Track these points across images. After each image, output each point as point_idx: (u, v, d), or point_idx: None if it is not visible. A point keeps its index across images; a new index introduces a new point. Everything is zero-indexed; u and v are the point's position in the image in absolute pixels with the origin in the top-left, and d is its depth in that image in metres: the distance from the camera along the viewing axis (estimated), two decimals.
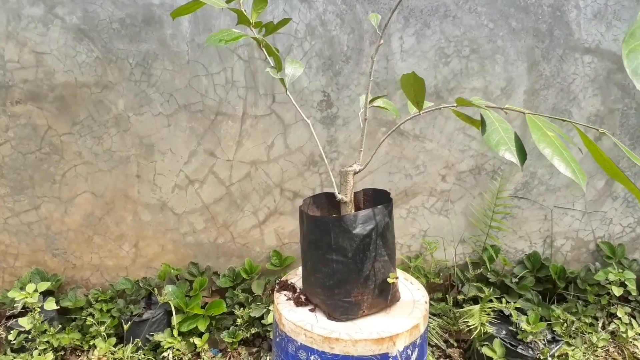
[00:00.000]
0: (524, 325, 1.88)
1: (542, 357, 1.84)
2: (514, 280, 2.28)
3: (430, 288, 2.41)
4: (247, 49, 2.07)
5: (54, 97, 2.11)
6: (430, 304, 2.28)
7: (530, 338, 1.87)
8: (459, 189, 2.29)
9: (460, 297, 2.19)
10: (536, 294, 2.21)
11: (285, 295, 1.35)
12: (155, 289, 2.35)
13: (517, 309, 2.07)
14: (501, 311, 2.08)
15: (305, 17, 2.04)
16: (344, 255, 1.17)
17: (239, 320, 2.13)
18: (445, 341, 2.14)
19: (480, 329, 1.87)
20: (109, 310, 2.26)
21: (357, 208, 1.43)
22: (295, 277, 1.46)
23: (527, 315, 2.07)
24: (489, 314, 1.97)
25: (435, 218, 2.34)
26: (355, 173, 1.23)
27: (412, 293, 1.38)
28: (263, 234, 2.36)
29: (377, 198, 1.38)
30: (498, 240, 2.27)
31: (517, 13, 2.04)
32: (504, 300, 2.14)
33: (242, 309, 2.23)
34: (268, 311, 2.12)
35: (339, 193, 1.25)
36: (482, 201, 2.31)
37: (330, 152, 2.22)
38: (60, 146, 2.19)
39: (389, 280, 1.23)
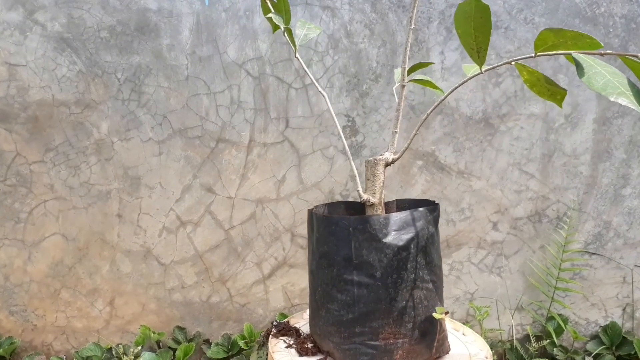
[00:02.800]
0: None
1: None
2: (588, 359, 1.88)
3: None
4: (257, 64, 1.85)
5: (25, 118, 1.89)
6: None
7: None
8: (515, 240, 1.95)
9: None
10: None
11: (285, 341, 1.05)
12: (133, 358, 1.99)
13: None
14: None
15: (327, 28, 1.84)
16: (369, 276, 0.93)
17: None
18: None
19: None
20: None
21: None
22: (302, 321, 1.19)
23: None
24: None
25: (484, 277, 1.99)
26: (387, 164, 0.99)
27: (466, 346, 1.07)
28: (268, 291, 2.02)
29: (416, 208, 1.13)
30: (566, 305, 1.89)
31: (583, 25, 1.81)
32: None
33: None
34: None
35: (364, 192, 0.99)
36: (545, 256, 1.96)
37: (354, 190, 1.93)
38: (29, 177, 1.93)
39: (436, 315, 0.95)
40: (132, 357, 1.92)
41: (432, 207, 0.99)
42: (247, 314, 2.05)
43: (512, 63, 0.82)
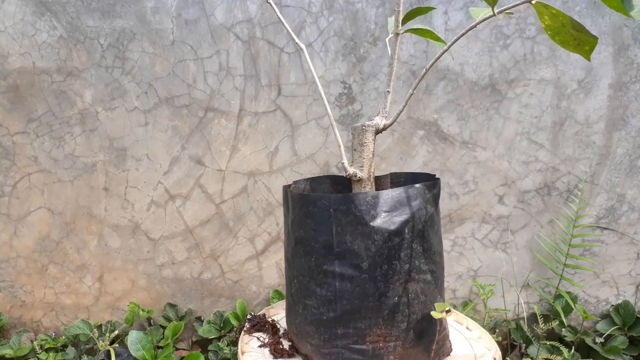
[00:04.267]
0: None
1: None
2: (599, 340, 1.82)
3: None
4: (246, 26, 1.78)
5: (6, 87, 1.84)
6: None
7: None
8: (522, 214, 1.88)
9: None
10: None
11: (259, 339, 0.97)
12: (114, 338, 1.98)
13: None
14: None
15: None
16: (354, 266, 0.79)
17: None
18: None
19: None
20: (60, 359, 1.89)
21: None
22: (282, 312, 1.09)
23: None
24: None
25: (489, 253, 1.93)
26: (378, 131, 0.87)
27: (470, 344, 0.97)
28: (261, 267, 1.98)
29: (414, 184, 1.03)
30: (576, 283, 1.83)
31: None
32: None
33: None
34: None
35: (350, 165, 0.88)
36: (554, 231, 1.89)
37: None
38: (11, 149, 1.89)
39: (435, 314, 0.80)
40: (109, 338, 1.90)
41: (431, 183, 0.87)
42: (240, 291, 2.01)
43: (533, 2, 0.71)
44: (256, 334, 0.99)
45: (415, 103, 1.81)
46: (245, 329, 1.02)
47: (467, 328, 1.08)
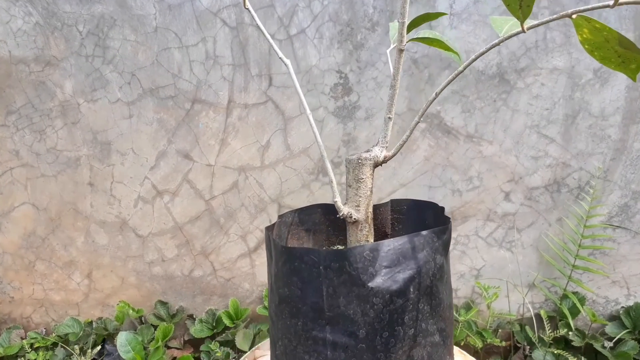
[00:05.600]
0: None
1: None
2: (608, 344, 1.75)
3: (486, 352, 1.90)
4: (234, 11, 1.66)
5: None
6: None
7: None
8: (529, 212, 1.79)
9: None
10: None
11: None
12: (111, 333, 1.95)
13: None
14: None
15: None
16: (349, 334, 0.68)
17: None
18: None
19: None
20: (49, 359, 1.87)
21: (382, 234, 0.96)
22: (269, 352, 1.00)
23: None
24: None
25: (493, 252, 1.85)
26: (377, 165, 0.76)
27: None
28: (254, 265, 1.92)
29: (419, 217, 0.91)
30: (585, 286, 1.75)
31: None
32: None
33: None
34: None
35: (344, 204, 0.77)
36: (562, 230, 1.80)
37: (347, 156, 1.77)
38: None
39: None
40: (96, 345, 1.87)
41: (441, 228, 0.74)
42: (232, 289, 1.96)
43: (574, 16, 0.59)
44: None
45: (416, 94, 1.70)
46: None
47: None
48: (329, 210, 0.99)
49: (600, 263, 1.75)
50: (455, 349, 1.04)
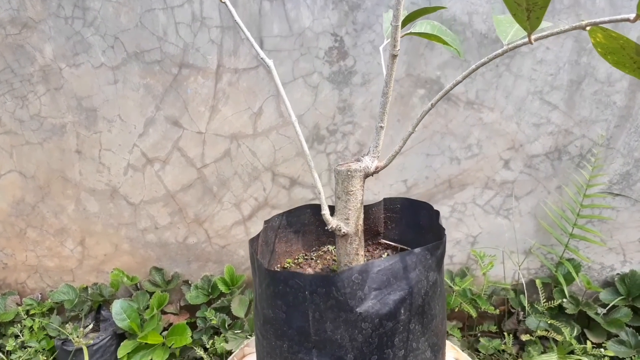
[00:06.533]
0: None
1: None
2: (601, 311, 1.78)
3: (480, 316, 1.93)
4: None
5: None
6: (478, 341, 1.82)
7: None
8: (529, 179, 1.77)
9: (525, 337, 1.70)
10: (634, 333, 1.71)
11: None
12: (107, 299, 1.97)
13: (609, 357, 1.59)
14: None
15: None
16: (336, 358, 0.66)
17: (207, 359, 1.71)
18: None
19: None
20: (44, 328, 1.89)
21: (374, 233, 0.94)
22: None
23: None
24: None
25: (490, 220, 1.84)
26: (367, 176, 0.72)
27: None
28: (249, 233, 1.91)
29: (413, 217, 0.88)
30: (582, 255, 1.75)
31: None
32: (589, 343, 1.64)
33: (217, 335, 1.82)
34: None
35: (333, 215, 0.74)
36: (561, 198, 1.79)
37: (343, 124, 1.72)
38: None
39: None
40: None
41: (434, 245, 0.71)
42: (227, 255, 1.97)
43: (587, 28, 0.55)
44: None
45: (415, 59, 1.63)
46: None
47: None
48: (319, 209, 0.95)
49: (598, 233, 1.75)
50: (448, 344, 1.05)
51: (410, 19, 0.71)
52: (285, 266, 0.84)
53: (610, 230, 1.82)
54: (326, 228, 0.72)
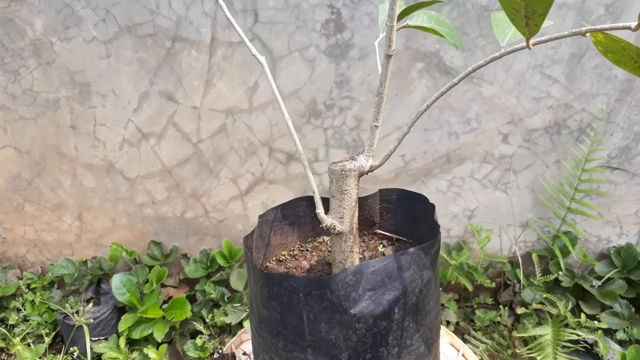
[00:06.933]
0: None
1: None
2: (596, 283, 1.80)
3: (476, 288, 1.96)
4: None
5: None
6: (474, 313, 1.85)
7: None
8: (527, 154, 1.76)
9: (520, 310, 1.73)
10: (628, 305, 1.74)
11: None
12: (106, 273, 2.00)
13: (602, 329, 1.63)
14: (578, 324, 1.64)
15: None
16: (331, 357, 0.67)
17: (206, 332, 1.75)
18: None
19: None
20: (45, 301, 1.93)
21: (369, 223, 0.94)
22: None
23: (617, 336, 1.64)
24: (566, 346, 1.52)
25: (488, 194, 1.84)
26: (361, 175, 0.71)
27: None
28: (246, 207, 1.92)
29: (408, 208, 0.88)
30: (579, 230, 1.77)
31: None
32: (583, 316, 1.68)
33: (216, 309, 1.86)
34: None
35: (327, 214, 0.74)
36: (560, 172, 1.79)
37: (340, 99, 1.70)
38: None
39: None
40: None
41: (428, 243, 0.71)
42: (225, 230, 1.98)
43: (587, 35, 0.53)
44: None
45: (413, 32, 1.60)
46: None
47: (463, 356, 1.03)
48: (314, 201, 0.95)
49: (595, 208, 1.76)
50: (443, 330, 1.06)
51: (406, 12, 0.69)
52: (281, 258, 0.85)
53: (608, 203, 1.83)
54: (321, 226, 0.72)
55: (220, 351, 0.98)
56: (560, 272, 1.81)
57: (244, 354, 0.99)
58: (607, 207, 1.84)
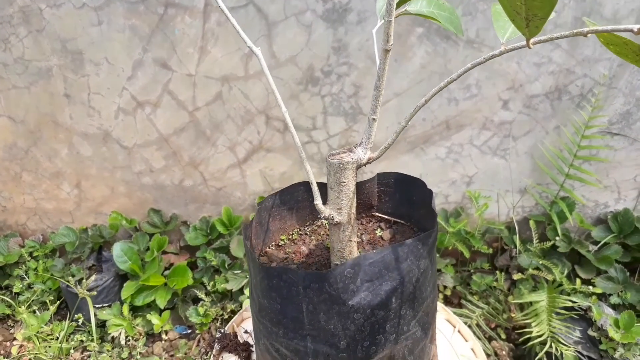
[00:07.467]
0: (611, 332, 1.47)
1: None
2: (593, 248, 1.83)
3: (473, 253, 2.00)
4: None
5: None
6: (471, 278, 1.89)
7: (620, 353, 1.46)
8: (527, 120, 1.76)
9: (516, 276, 1.77)
10: (622, 269, 1.78)
11: None
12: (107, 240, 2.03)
13: (596, 294, 1.67)
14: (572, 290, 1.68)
15: None
16: (330, 345, 0.69)
17: (207, 299, 1.79)
18: (490, 338, 1.79)
19: (550, 343, 1.46)
20: (48, 269, 1.96)
21: (367, 206, 0.95)
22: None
23: (611, 300, 1.68)
24: (560, 313, 1.56)
25: (487, 160, 1.85)
26: (359, 167, 0.71)
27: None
28: (245, 175, 1.93)
29: (406, 192, 0.89)
30: (577, 196, 1.78)
31: None
32: (578, 281, 1.71)
33: (217, 275, 1.89)
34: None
35: (325, 205, 0.74)
36: (559, 139, 1.78)
37: (338, 65, 1.68)
38: None
39: None
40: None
41: (425, 234, 0.72)
42: (224, 197, 1.99)
43: (588, 36, 0.53)
44: (226, 354, 0.93)
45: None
46: (215, 349, 0.97)
47: (459, 332, 1.05)
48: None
49: (594, 175, 1.76)
50: (439, 306, 1.09)
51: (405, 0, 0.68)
52: (280, 243, 0.86)
53: (607, 168, 1.84)
54: (320, 217, 0.73)
55: (222, 330, 1.01)
56: (557, 238, 1.83)
57: (246, 332, 1.02)
58: (606, 172, 1.85)
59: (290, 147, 1.84)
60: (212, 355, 0.97)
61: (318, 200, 0.70)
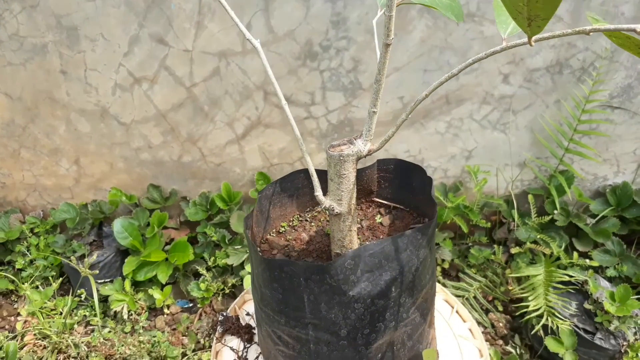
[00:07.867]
0: (606, 306, 1.50)
1: (630, 353, 1.49)
2: (590, 221, 1.85)
3: (472, 228, 2.02)
4: None
5: None
6: (469, 251, 1.92)
7: (615, 325, 1.50)
8: (527, 94, 1.75)
9: (514, 250, 1.79)
10: (619, 242, 1.80)
11: (232, 349, 0.94)
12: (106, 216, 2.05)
13: (593, 267, 1.70)
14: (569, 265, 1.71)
15: None
16: (331, 333, 0.72)
17: (208, 274, 1.82)
18: (487, 310, 1.82)
19: (546, 316, 1.50)
20: (50, 245, 1.99)
21: (367, 192, 0.95)
22: None
23: (607, 273, 1.72)
24: (557, 287, 1.59)
25: (486, 134, 1.85)
26: (359, 159, 0.72)
27: (459, 346, 0.97)
28: (243, 151, 1.93)
29: (405, 178, 0.89)
30: (576, 171, 1.79)
31: None
32: (575, 255, 1.74)
33: (217, 250, 1.92)
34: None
35: (326, 195, 0.75)
36: (559, 113, 1.78)
37: (337, 39, 1.67)
38: None
39: None
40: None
41: (424, 225, 0.73)
42: (223, 173, 2.00)
43: (590, 34, 0.53)
44: (229, 336, 0.95)
45: None
46: (218, 333, 0.99)
47: (457, 312, 1.07)
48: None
49: (593, 149, 1.77)
50: (438, 287, 1.10)
51: None
52: (281, 230, 0.88)
53: (606, 142, 1.85)
54: (320, 208, 0.74)
55: (224, 313, 1.03)
56: (556, 211, 1.85)
57: (247, 314, 1.05)
58: (606, 145, 1.85)
59: (289, 123, 1.84)
60: (214, 338, 0.99)
61: (318, 192, 0.71)
